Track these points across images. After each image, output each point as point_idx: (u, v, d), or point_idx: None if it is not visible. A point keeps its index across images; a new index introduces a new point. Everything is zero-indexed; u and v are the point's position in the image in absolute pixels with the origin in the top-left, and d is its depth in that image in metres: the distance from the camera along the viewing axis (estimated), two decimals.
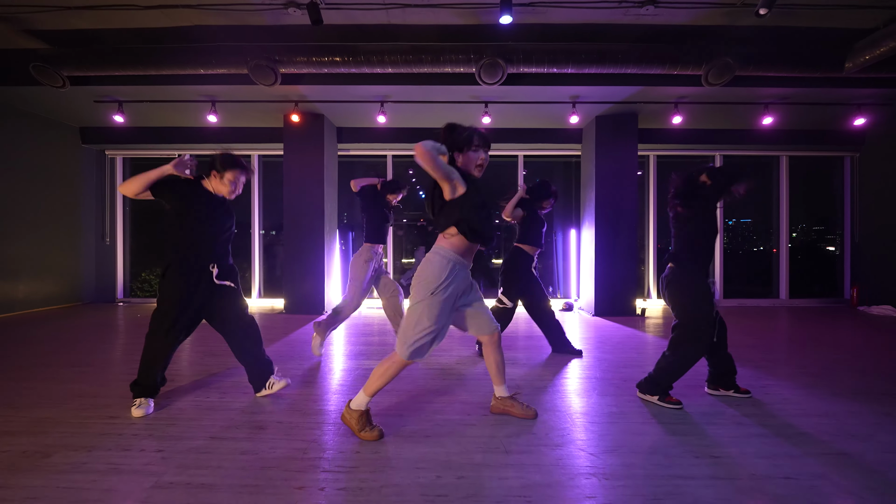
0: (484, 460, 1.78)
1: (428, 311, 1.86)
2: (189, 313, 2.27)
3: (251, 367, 2.43)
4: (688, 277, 2.30)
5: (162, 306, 2.27)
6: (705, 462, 1.78)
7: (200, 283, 2.27)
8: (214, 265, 2.30)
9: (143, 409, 2.22)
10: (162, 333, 2.24)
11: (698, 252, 2.32)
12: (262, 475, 1.66)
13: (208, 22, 3.80)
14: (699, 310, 2.28)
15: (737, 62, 3.90)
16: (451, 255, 1.90)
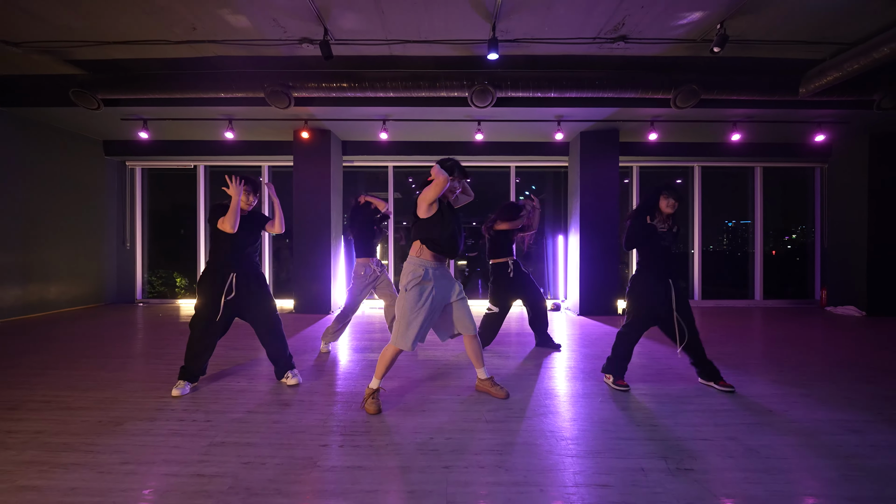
0: (468, 427, 2.25)
1: (404, 303, 2.40)
2: (224, 313, 2.71)
3: (275, 361, 2.90)
4: (633, 280, 2.81)
5: (198, 307, 2.72)
6: (644, 428, 2.24)
7: (230, 287, 2.71)
8: (235, 274, 2.72)
9: (179, 390, 2.68)
10: (200, 329, 2.70)
11: (641, 262, 2.82)
12: (293, 437, 2.13)
13: (228, 53, 4.26)
14: (630, 304, 2.82)
15: (701, 88, 4.37)
16: (420, 261, 2.44)
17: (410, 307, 2.39)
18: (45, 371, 3.19)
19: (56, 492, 1.67)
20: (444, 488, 1.70)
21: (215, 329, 2.73)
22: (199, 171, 6.84)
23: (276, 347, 2.88)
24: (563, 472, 1.82)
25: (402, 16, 3.57)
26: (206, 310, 2.70)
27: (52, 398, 2.64)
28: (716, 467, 1.86)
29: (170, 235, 7.13)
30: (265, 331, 2.84)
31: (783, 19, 3.60)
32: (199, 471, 1.81)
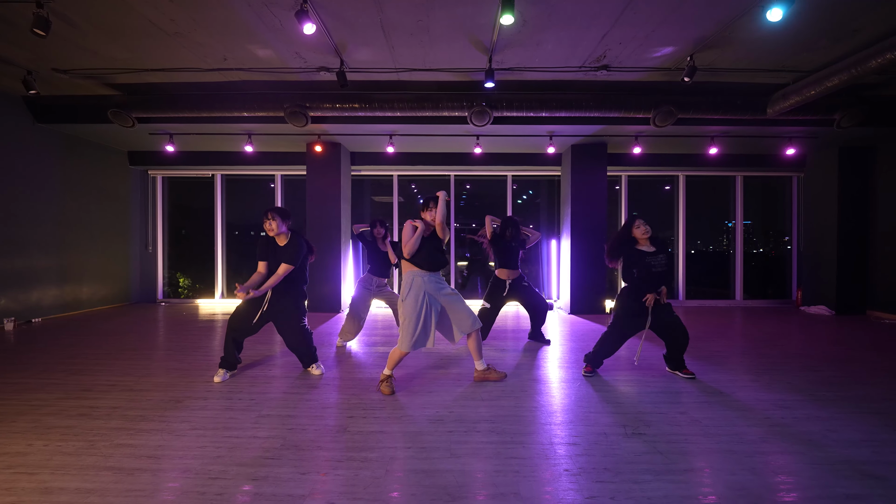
0: (468, 404, 2.73)
1: (403, 310, 2.89)
2: (256, 320, 3.19)
3: (301, 358, 3.39)
4: (619, 296, 3.28)
5: (237, 312, 3.21)
6: (611, 405, 2.73)
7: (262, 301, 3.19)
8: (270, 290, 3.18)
9: (220, 377, 3.17)
10: (233, 330, 3.20)
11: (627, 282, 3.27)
12: (325, 411, 2.61)
13: (253, 78, 4.75)
14: (614, 314, 3.28)
15: (677, 109, 4.86)
16: (411, 272, 2.92)
17: (408, 313, 2.85)
18: (99, 362, 3.67)
19: (147, 447, 2.15)
20: (447, 445, 2.18)
21: (245, 332, 3.22)
22: (216, 179, 7.33)
23: (300, 351, 3.36)
24: (542, 434, 2.30)
25: (410, 50, 4.06)
26: (243, 313, 3.19)
27: (115, 382, 3.13)
28: (663, 433, 2.34)
29: (187, 241, 7.62)
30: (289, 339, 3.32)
31: (745, 53, 4.08)
32: (255, 434, 2.30)
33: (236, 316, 3.20)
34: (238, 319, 3.19)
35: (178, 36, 3.82)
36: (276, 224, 3.13)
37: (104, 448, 2.14)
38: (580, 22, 3.57)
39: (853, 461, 2.04)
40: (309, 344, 3.34)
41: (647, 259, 3.14)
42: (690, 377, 3.26)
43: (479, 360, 3.15)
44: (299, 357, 3.39)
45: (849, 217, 6.42)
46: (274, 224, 3.13)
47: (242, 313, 3.19)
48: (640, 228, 3.16)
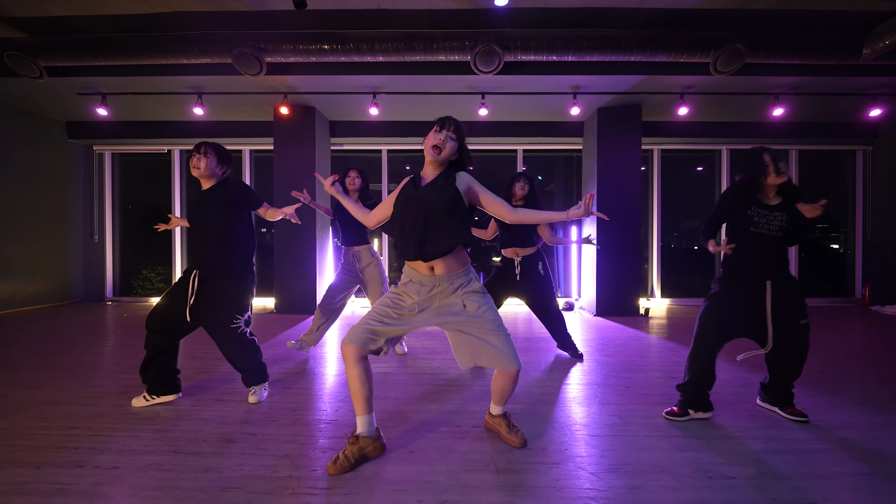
0: (470, 480, 1.60)
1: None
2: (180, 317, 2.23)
3: (239, 369, 2.37)
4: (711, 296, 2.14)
5: (156, 309, 2.25)
6: (720, 483, 1.59)
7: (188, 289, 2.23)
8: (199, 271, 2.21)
9: (141, 402, 2.27)
10: (152, 333, 2.23)
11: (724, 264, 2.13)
12: (223, 497, 1.48)
13: (188, 8, 3.61)
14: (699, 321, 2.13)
15: (747, 49, 3.69)
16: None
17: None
18: None
19: None
20: None
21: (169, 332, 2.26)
22: (173, 155, 6.20)
23: (235, 364, 2.35)
24: None
25: None
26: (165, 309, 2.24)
27: None
28: None
29: (146, 230, 6.49)
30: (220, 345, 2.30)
31: None
32: None
33: (156, 314, 2.19)
34: (158, 319, 2.18)
35: None
36: (207, 163, 2.18)
37: None
38: None
39: None
40: (249, 355, 2.29)
41: (761, 223, 2.01)
42: (802, 420, 2.11)
43: (498, 404, 1.94)
44: (238, 371, 2.34)
45: None
46: (203, 162, 2.17)
47: (164, 310, 2.19)
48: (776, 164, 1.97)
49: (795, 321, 2.04)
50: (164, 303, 2.21)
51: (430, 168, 1.75)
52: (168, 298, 2.21)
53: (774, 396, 2.20)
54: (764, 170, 1.99)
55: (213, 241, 2.20)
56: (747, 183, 2.05)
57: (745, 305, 2.05)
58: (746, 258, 2.05)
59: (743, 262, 2.05)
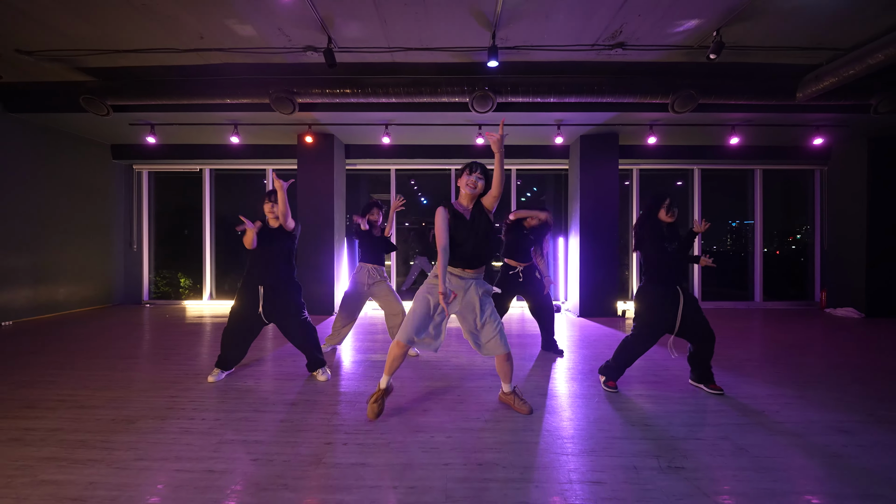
0: (468, 427, 2.32)
1: (414, 298, 2.49)
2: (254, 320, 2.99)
3: (310, 354, 3.12)
4: (641, 290, 2.84)
5: (232, 312, 3.02)
6: (637, 428, 2.31)
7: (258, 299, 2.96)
8: (261, 285, 2.95)
9: (214, 377, 3.03)
10: (230, 331, 3.01)
11: (648, 270, 2.84)
12: (299, 435, 2.21)
13: (235, 61, 4.36)
14: (641, 315, 2.82)
15: (699, 93, 4.43)
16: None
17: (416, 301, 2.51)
18: (58, 371, 3.29)
19: (75, 486, 1.75)
20: (443, 484, 1.77)
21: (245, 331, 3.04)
22: (204, 174, 6.95)
23: (307, 349, 3.10)
24: (558, 469, 1.89)
25: (403, 24, 3.65)
26: (239, 313, 3.00)
27: (66, 397, 2.74)
28: (706, 465, 1.93)
29: (175, 237, 7.23)
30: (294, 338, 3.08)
31: (779, 26, 3.65)
32: (210, 467, 1.90)
33: (232, 316, 3.00)
34: (234, 320, 2.99)
35: (147, 10, 3.43)
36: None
37: (22, 487, 1.75)
38: None
39: None
40: (314, 336, 3.09)
41: (671, 244, 2.77)
42: (718, 393, 2.82)
43: (506, 383, 2.58)
44: (308, 357, 3.11)
45: (879, 213, 5.97)
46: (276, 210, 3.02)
47: (238, 313, 2.98)
48: (671, 210, 2.74)
49: (700, 315, 2.76)
50: (237, 307, 2.97)
51: (466, 199, 2.42)
52: (240, 304, 2.96)
53: (698, 375, 2.92)
54: (661, 211, 2.76)
55: (280, 262, 2.96)
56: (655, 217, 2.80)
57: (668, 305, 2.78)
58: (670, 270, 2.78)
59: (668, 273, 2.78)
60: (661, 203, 2.77)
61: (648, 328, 2.77)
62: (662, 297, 2.75)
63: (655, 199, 2.82)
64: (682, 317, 2.73)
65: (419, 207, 7.57)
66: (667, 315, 2.75)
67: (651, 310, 2.78)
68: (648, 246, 2.79)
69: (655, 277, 2.79)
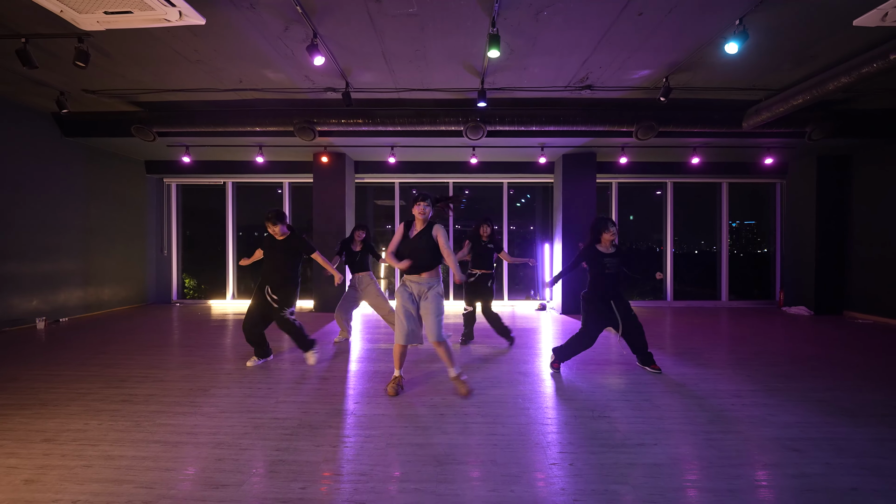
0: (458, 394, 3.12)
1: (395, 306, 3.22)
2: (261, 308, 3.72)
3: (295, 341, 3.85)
4: (584, 299, 3.64)
5: (248, 308, 3.78)
6: (584, 394, 3.10)
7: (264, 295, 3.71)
8: (268, 286, 3.68)
9: (252, 362, 3.79)
10: (247, 324, 3.74)
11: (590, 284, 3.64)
12: (334, 398, 3.00)
13: (266, 97, 5.15)
14: (585, 318, 3.63)
15: (658, 123, 5.23)
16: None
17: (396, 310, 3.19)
18: (128, 356, 4.08)
19: (184, 426, 2.54)
20: (439, 424, 2.57)
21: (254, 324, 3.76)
22: (227, 186, 7.75)
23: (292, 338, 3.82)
24: (520, 416, 2.68)
25: (409, 74, 4.45)
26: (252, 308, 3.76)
27: (147, 374, 3.53)
28: (625, 416, 2.72)
29: (199, 246, 8.04)
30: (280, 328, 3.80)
31: (717, 74, 4.45)
32: (275, 416, 2.69)
33: (248, 312, 3.76)
34: (248, 313, 3.75)
35: (200, 63, 4.23)
36: (279, 228, 3.68)
37: (149, 427, 2.54)
38: (562, 51, 3.95)
39: (782, 438, 2.41)
40: (298, 333, 3.74)
41: (604, 259, 3.52)
42: (656, 372, 3.60)
43: (450, 368, 3.22)
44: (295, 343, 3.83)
45: (827, 222, 6.76)
46: (276, 228, 3.68)
47: (251, 307, 3.74)
48: (609, 231, 3.52)
49: (630, 315, 3.55)
50: (252, 305, 3.73)
51: (419, 223, 3.15)
52: (253, 300, 3.73)
53: (642, 359, 3.69)
54: (603, 236, 3.54)
55: (281, 269, 3.69)
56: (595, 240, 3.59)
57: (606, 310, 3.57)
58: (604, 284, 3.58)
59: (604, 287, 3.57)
60: (600, 232, 3.55)
61: (587, 332, 3.57)
62: (597, 310, 3.54)
63: (595, 229, 3.59)
64: (621, 319, 3.52)
65: None
66: (602, 322, 3.54)
67: (589, 318, 3.58)
68: (589, 267, 3.58)
69: (591, 293, 3.59)
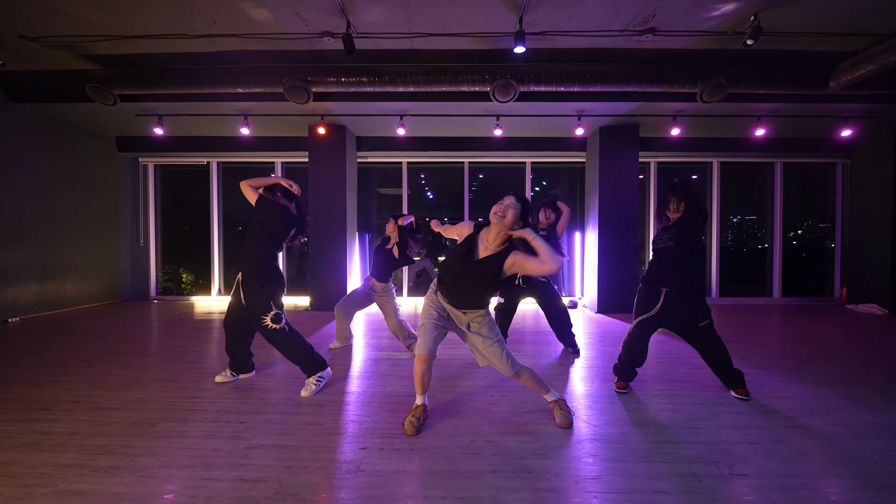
0: (509, 428, 2.20)
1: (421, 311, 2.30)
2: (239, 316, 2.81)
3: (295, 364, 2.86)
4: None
5: (228, 307, 2.85)
6: (686, 431, 2.19)
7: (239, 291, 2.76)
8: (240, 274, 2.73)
9: (222, 377, 2.91)
10: (225, 327, 2.87)
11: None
12: (331, 439, 2.09)
13: (248, 48, 4.20)
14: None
15: (729, 82, 4.27)
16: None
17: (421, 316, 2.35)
18: (70, 369, 3.17)
19: (100, 497, 1.63)
20: (495, 495, 1.65)
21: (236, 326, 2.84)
22: (211, 166, 6.80)
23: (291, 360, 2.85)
24: (617, 479, 1.77)
25: (428, 9, 3.49)
26: (231, 307, 2.82)
27: (81, 398, 2.62)
28: (769, 472, 1.81)
29: (181, 234, 7.10)
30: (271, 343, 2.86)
31: (819, 10, 3.49)
32: (242, 475, 1.78)
33: (227, 311, 2.84)
34: (228, 315, 2.82)
35: None
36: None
37: (42, 498, 1.63)
38: None
39: None
40: (294, 351, 2.73)
41: (660, 238, 2.66)
42: (743, 398, 2.61)
43: (545, 394, 2.33)
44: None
45: None
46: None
47: (231, 307, 2.81)
48: (674, 207, 2.62)
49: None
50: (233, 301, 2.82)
51: (494, 238, 2.06)
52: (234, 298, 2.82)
53: (730, 382, 2.68)
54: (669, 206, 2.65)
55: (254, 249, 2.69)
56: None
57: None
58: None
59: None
60: (665, 201, 2.67)
61: (635, 326, 2.68)
62: (642, 297, 2.67)
63: (661, 197, 2.74)
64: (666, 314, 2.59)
65: (425, 202, 7.42)
66: (647, 313, 2.63)
67: (636, 307, 2.71)
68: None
69: (644, 276, 2.71)
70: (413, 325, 4.60)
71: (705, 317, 2.57)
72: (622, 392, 2.72)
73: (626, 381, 2.76)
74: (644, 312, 2.64)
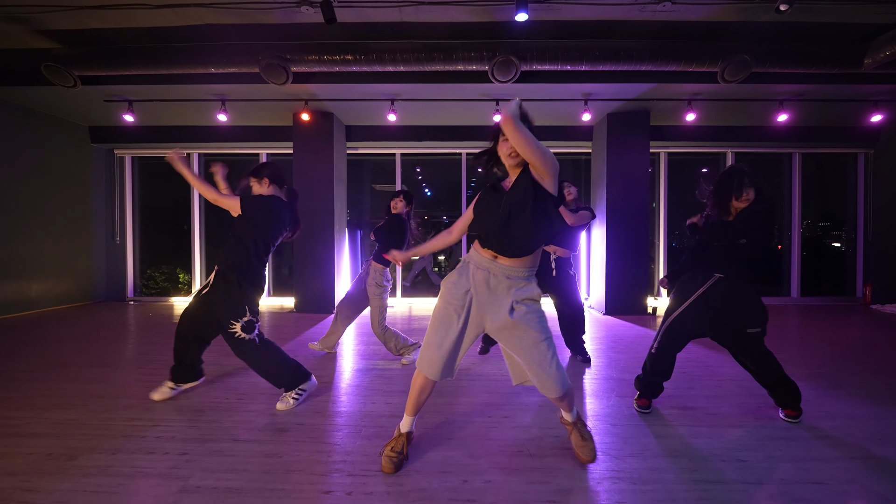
0: (512, 465, 1.77)
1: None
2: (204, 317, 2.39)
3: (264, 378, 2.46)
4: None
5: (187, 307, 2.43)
6: (732, 465, 1.76)
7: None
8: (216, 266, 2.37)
9: (160, 394, 2.44)
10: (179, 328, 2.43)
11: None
12: (289, 478, 1.66)
13: (219, 20, 3.77)
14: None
15: (753, 59, 3.85)
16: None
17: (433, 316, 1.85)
18: (3, 384, 2.74)
19: None
20: None
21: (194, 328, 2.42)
22: (192, 158, 6.37)
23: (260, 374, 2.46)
24: None
25: None
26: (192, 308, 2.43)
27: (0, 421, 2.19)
28: None
29: (162, 230, 6.67)
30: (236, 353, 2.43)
31: None
32: None
33: (188, 307, 2.40)
34: (187, 311, 2.40)
35: None
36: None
37: None
38: None
39: None
40: (267, 366, 2.35)
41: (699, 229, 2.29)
42: (793, 421, 2.17)
43: (566, 412, 1.84)
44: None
45: None
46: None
47: (193, 304, 2.39)
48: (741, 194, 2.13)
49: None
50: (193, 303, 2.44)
51: (511, 167, 1.75)
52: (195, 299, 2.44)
53: (783, 402, 2.22)
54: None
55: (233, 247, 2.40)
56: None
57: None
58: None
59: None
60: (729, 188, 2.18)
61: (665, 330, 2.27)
62: (686, 279, 2.26)
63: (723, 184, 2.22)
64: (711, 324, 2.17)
65: (423, 199, 7.00)
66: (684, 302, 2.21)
67: (668, 310, 2.28)
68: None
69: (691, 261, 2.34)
70: (409, 334, 4.17)
71: (757, 324, 2.12)
72: (644, 412, 2.30)
73: (650, 398, 2.33)
74: (683, 296, 2.19)
